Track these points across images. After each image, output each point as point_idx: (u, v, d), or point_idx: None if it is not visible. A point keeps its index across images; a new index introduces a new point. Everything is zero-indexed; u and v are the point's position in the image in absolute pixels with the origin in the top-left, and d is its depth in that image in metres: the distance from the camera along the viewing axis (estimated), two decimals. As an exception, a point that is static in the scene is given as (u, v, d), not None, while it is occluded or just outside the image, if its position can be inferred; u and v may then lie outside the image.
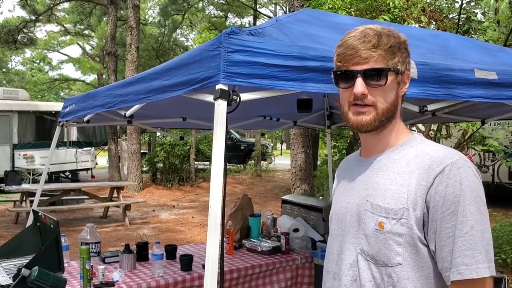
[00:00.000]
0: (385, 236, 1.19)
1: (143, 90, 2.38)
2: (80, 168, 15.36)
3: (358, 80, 1.21)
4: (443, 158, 1.17)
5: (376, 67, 1.21)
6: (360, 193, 1.29)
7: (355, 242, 1.26)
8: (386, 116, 1.24)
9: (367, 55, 1.21)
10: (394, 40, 1.23)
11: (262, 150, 18.94)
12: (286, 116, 4.53)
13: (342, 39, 1.26)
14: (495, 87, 2.27)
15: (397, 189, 1.20)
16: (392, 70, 1.22)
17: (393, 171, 1.23)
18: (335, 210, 1.38)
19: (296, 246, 3.62)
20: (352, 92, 1.23)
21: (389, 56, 1.22)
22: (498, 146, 6.57)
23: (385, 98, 1.23)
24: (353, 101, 1.24)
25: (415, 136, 1.30)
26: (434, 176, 1.16)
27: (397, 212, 1.18)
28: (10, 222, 8.64)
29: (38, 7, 21.48)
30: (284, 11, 23.61)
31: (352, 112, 1.25)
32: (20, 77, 32.00)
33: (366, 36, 1.21)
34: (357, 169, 1.35)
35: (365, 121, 1.23)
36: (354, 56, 1.22)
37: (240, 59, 1.82)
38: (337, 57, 1.27)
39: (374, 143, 1.31)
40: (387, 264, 1.19)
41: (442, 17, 6.58)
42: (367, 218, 1.23)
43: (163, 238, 7.24)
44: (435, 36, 2.92)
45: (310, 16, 2.73)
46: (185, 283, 2.90)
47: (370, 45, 1.21)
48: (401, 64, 1.25)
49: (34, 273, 2.10)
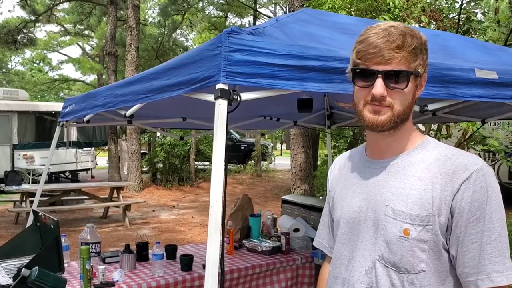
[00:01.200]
0: (410, 243, 1.16)
1: (143, 90, 2.38)
2: (80, 168, 15.36)
3: (378, 80, 1.16)
4: (469, 164, 1.16)
5: (398, 70, 1.16)
6: (376, 197, 1.24)
7: (371, 248, 1.23)
8: (401, 118, 1.20)
9: (390, 55, 1.15)
10: (417, 41, 1.18)
11: (262, 150, 18.95)
12: (286, 116, 4.53)
13: (363, 35, 1.20)
14: (495, 87, 2.27)
15: (420, 195, 1.17)
16: (413, 74, 1.18)
17: (412, 176, 1.20)
18: (344, 214, 1.32)
19: (296, 246, 3.62)
20: (371, 92, 1.18)
21: (412, 59, 1.17)
22: (498, 146, 6.57)
23: (403, 101, 1.19)
24: (370, 101, 1.19)
25: (429, 139, 1.27)
26: (461, 182, 1.14)
27: (424, 219, 1.15)
28: (10, 223, 8.64)
29: (38, 8, 21.48)
30: (284, 11, 23.60)
31: (368, 110, 1.20)
32: (20, 78, 31.97)
33: (390, 35, 1.16)
34: (367, 171, 1.30)
35: (380, 121, 1.19)
36: (376, 55, 1.16)
37: (240, 58, 1.81)
38: (357, 53, 1.20)
39: (387, 145, 1.27)
40: (410, 271, 1.17)
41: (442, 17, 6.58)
42: (388, 224, 1.19)
43: (163, 238, 7.23)
44: (436, 35, 2.91)
45: (311, 16, 2.72)
46: (185, 283, 2.89)
47: (394, 46, 1.15)
48: (422, 66, 1.21)
49: (34, 273, 2.10)
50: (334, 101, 4.39)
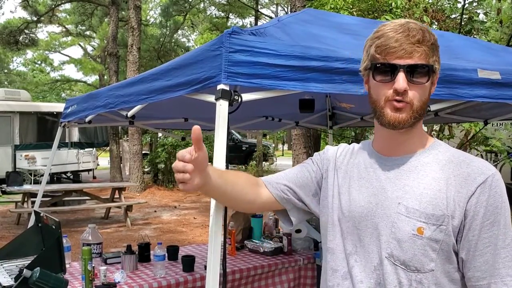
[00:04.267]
0: (424, 241, 1.15)
1: (145, 91, 2.37)
2: (81, 169, 15.38)
3: (401, 75, 1.15)
4: (484, 169, 1.16)
5: (421, 63, 1.16)
6: (387, 194, 1.23)
7: (379, 245, 1.22)
8: (419, 114, 1.20)
9: (412, 49, 1.15)
10: (433, 38, 1.18)
11: (264, 151, 18.96)
12: (288, 117, 4.52)
13: (380, 31, 1.19)
14: (498, 87, 2.26)
15: (435, 195, 1.17)
16: (433, 68, 1.18)
17: (426, 175, 1.20)
18: (351, 208, 1.29)
19: (298, 247, 3.61)
20: (393, 87, 1.16)
21: (431, 53, 1.18)
22: (501, 147, 6.56)
23: (422, 97, 1.19)
24: (392, 97, 1.18)
25: (439, 141, 1.28)
26: (477, 186, 1.14)
27: (439, 218, 1.15)
28: (11, 223, 8.65)
29: (40, 8, 21.52)
30: (285, 11, 23.61)
31: (390, 107, 1.18)
32: (22, 78, 32.03)
33: (410, 30, 1.15)
34: (377, 167, 1.28)
35: (401, 119, 1.17)
36: (398, 49, 1.15)
37: (241, 59, 1.81)
38: (376, 48, 1.18)
39: (400, 142, 1.25)
40: (419, 270, 1.17)
41: (444, 17, 6.57)
42: (401, 222, 1.18)
43: (164, 239, 7.23)
44: (438, 36, 2.87)
45: (313, 16, 2.72)
46: (187, 284, 2.89)
47: (415, 40, 1.15)
48: (437, 63, 1.21)
49: (35, 274, 2.09)
50: (336, 102, 4.38)
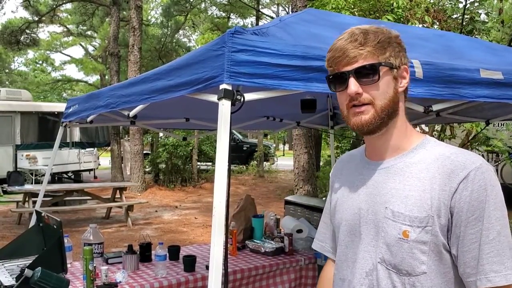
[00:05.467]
0: (410, 245, 1.15)
1: (147, 90, 2.37)
2: (82, 168, 15.39)
3: (351, 80, 1.18)
4: (467, 163, 1.14)
5: (365, 64, 1.17)
6: (376, 199, 1.23)
7: (372, 250, 1.22)
8: (385, 113, 1.20)
9: (355, 53, 1.18)
10: (383, 36, 1.20)
11: (265, 151, 18.96)
12: (289, 117, 4.52)
13: (332, 44, 1.24)
14: (500, 87, 2.25)
15: (419, 196, 1.16)
16: (383, 65, 1.18)
17: (411, 176, 1.19)
18: (345, 216, 1.31)
19: (299, 247, 3.61)
20: (347, 93, 1.20)
21: (379, 52, 1.19)
22: (502, 147, 6.55)
23: (382, 94, 1.19)
24: (350, 103, 1.20)
25: (429, 139, 1.26)
26: (459, 182, 1.13)
27: (422, 220, 1.14)
28: (12, 223, 8.66)
29: (41, 8, 21.53)
30: (286, 11, 23.60)
31: (351, 113, 1.21)
32: (23, 78, 32.05)
33: (352, 35, 1.19)
34: (366, 172, 1.29)
35: (364, 120, 1.19)
36: (342, 57, 1.19)
37: (244, 58, 1.80)
38: (327, 62, 1.25)
39: (381, 145, 1.26)
40: (411, 274, 1.16)
41: (445, 18, 6.56)
42: (388, 226, 1.18)
43: (166, 238, 7.23)
44: (440, 36, 2.90)
45: (314, 16, 2.71)
46: (188, 284, 2.89)
47: (357, 44, 1.18)
48: (394, 58, 1.21)
49: (37, 274, 2.10)
50: (337, 102, 4.37)
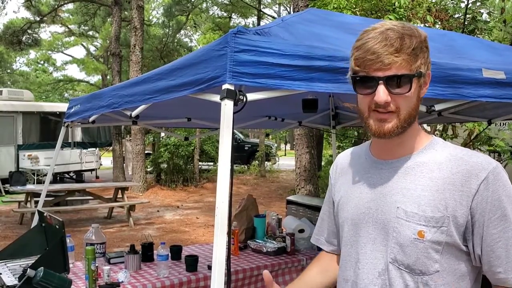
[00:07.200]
0: (425, 245, 1.15)
1: (149, 91, 2.37)
2: (84, 168, 15.41)
3: (381, 87, 1.12)
4: (484, 164, 1.15)
5: (400, 74, 1.12)
6: (385, 198, 1.22)
7: (383, 250, 1.21)
8: (408, 122, 1.18)
9: (389, 60, 1.11)
10: (416, 41, 1.14)
11: (266, 151, 18.96)
12: (291, 116, 4.52)
13: (360, 41, 1.16)
14: (503, 87, 2.24)
15: (433, 196, 1.15)
16: (415, 76, 1.14)
17: (423, 176, 1.18)
18: (351, 215, 1.29)
19: (301, 247, 3.61)
20: (374, 99, 1.14)
21: (412, 60, 1.13)
22: (504, 147, 6.54)
23: (408, 105, 1.16)
24: (375, 108, 1.16)
25: (437, 139, 1.25)
26: (479, 182, 1.13)
27: (438, 220, 1.14)
28: (15, 223, 8.67)
29: (43, 8, 21.54)
30: (288, 11, 23.59)
31: (374, 118, 1.17)
32: (25, 78, 32.09)
33: (387, 39, 1.12)
34: (374, 171, 1.27)
35: (387, 129, 1.16)
36: (375, 61, 1.12)
37: (246, 58, 1.80)
38: (355, 61, 1.16)
39: (394, 146, 1.24)
40: (424, 273, 1.16)
41: (447, 17, 6.56)
42: (401, 226, 1.17)
43: (167, 238, 7.23)
44: (442, 35, 2.90)
45: (316, 16, 2.71)
46: (190, 283, 2.89)
47: (392, 50, 1.11)
48: (424, 65, 1.17)
49: (39, 274, 2.10)
50: (339, 101, 4.38)
